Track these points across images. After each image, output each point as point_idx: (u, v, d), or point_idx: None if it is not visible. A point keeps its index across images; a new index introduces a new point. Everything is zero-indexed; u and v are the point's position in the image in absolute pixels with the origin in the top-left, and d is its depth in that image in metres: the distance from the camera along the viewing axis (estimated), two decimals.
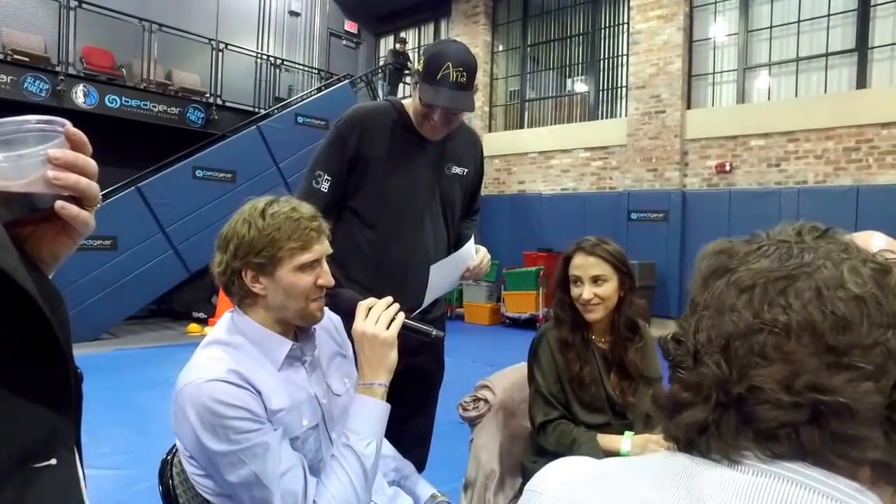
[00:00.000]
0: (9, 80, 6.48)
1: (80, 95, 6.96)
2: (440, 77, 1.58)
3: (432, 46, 1.69)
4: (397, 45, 10.85)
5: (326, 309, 1.35)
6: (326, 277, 1.16)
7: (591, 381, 1.62)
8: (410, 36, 12.42)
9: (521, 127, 10.69)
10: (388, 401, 1.78)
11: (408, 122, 1.76)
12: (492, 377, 1.89)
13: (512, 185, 10.43)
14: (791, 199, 7.59)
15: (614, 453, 1.52)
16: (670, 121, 8.55)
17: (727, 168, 8.16)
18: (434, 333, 1.26)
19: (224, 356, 1.08)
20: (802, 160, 7.66)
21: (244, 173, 7.60)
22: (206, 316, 7.66)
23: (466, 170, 1.90)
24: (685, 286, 4.29)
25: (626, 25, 9.29)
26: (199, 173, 7.22)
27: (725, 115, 8.32)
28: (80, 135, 0.53)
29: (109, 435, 3.68)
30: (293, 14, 11.33)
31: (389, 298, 1.22)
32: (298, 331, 1.22)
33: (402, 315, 1.19)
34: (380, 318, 1.16)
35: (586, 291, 1.61)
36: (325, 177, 1.72)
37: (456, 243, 1.91)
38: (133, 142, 8.21)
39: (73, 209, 0.52)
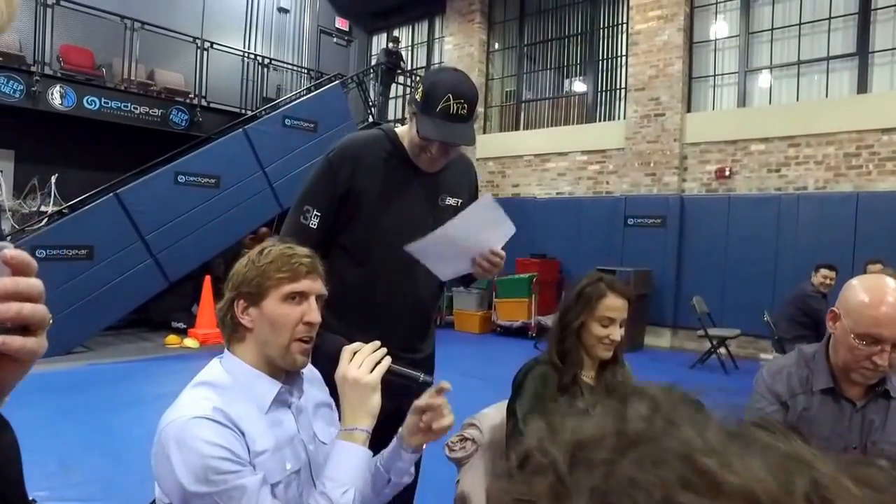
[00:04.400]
0: None
1: (56, 97, 6.67)
2: (439, 109, 1.51)
3: (431, 75, 1.64)
4: (390, 45, 10.60)
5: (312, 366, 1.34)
6: (313, 314, 1.15)
7: None
8: (404, 34, 12.16)
9: (517, 128, 10.47)
10: (375, 443, 1.65)
11: (402, 153, 1.68)
12: (478, 415, 1.84)
13: (506, 188, 10.22)
14: (791, 206, 7.47)
15: None
16: (670, 124, 8.36)
17: (727, 173, 8.00)
18: (421, 378, 1.22)
19: (211, 395, 1.08)
20: (803, 165, 7.52)
21: (229, 178, 7.34)
22: (185, 326, 7.35)
23: (461, 200, 1.82)
24: (681, 294, 4.17)
25: (625, 26, 9.10)
26: (181, 179, 6.94)
27: (726, 118, 8.16)
28: (22, 256, 0.50)
29: (81, 462, 3.52)
30: (282, 11, 11.03)
31: (377, 343, 1.20)
32: (287, 374, 1.21)
33: (388, 359, 1.18)
34: (364, 361, 1.16)
35: (616, 334, 1.66)
36: (314, 212, 1.64)
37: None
38: (114, 144, 7.94)
39: (14, 343, 0.49)
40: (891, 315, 1.35)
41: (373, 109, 9.93)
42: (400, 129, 1.72)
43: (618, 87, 9.32)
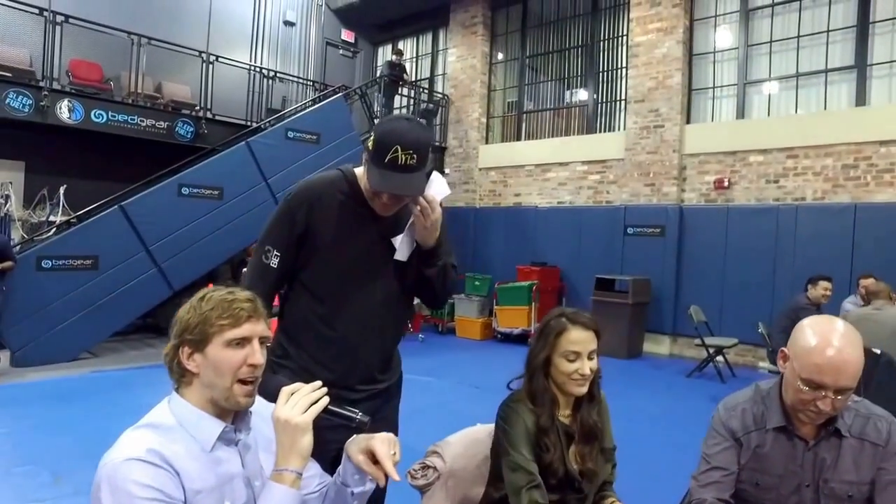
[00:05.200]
0: None
1: (64, 111, 6.84)
2: (388, 160, 1.50)
3: (382, 124, 1.60)
4: (393, 57, 10.73)
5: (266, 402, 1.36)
6: (256, 357, 1.17)
7: (558, 465, 1.60)
8: (408, 46, 12.31)
9: (519, 139, 10.57)
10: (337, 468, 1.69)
11: (359, 194, 1.69)
12: (441, 443, 1.83)
13: (507, 197, 10.31)
14: (789, 216, 7.50)
15: None
16: (669, 135, 8.42)
17: (726, 184, 8.03)
18: (358, 419, 1.22)
19: (149, 436, 1.10)
20: (801, 177, 7.54)
21: (232, 190, 7.48)
22: None
23: None
24: (681, 302, 4.29)
25: (625, 38, 9.17)
26: (185, 190, 7.09)
27: (725, 130, 8.20)
28: None
29: (75, 471, 3.52)
30: (288, 24, 11.20)
31: (317, 383, 1.21)
32: (235, 412, 1.23)
33: (325, 400, 1.19)
34: (298, 402, 1.16)
35: (585, 367, 1.60)
36: (275, 252, 1.68)
37: (412, 297, 1.88)
38: (122, 156, 8.14)
39: None
40: (834, 363, 1.34)
41: (376, 121, 10.05)
42: (359, 171, 1.72)
43: (618, 98, 9.39)
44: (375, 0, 11.25)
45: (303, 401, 1.16)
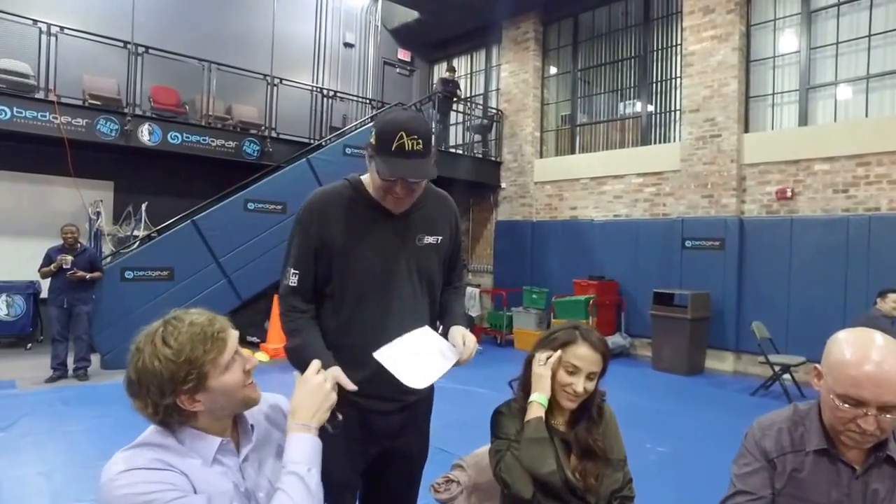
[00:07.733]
0: (84, 123, 7.06)
1: (145, 134, 7.48)
2: (395, 148, 1.52)
3: (381, 117, 1.62)
4: (446, 73, 10.99)
5: (275, 396, 1.45)
6: (251, 361, 1.24)
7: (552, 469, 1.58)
8: (462, 63, 12.57)
9: (573, 152, 10.56)
10: (369, 483, 1.88)
11: (368, 199, 1.70)
12: (467, 457, 1.82)
13: (563, 210, 10.29)
14: (861, 228, 7.09)
15: None
16: (726, 145, 8.22)
17: (788, 194, 7.73)
18: (339, 418, 1.35)
19: (147, 452, 1.12)
20: (874, 185, 7.15)
21: (295, 203, 7.84)
22: (258, 340, 8.02)
23: (441, 237, 1.81)
24: (743, 318, 4.94)
25: (678, 47, 9.05)
26: (250, 205, 7.56)
27: (786, 138, 7.91)
28: None
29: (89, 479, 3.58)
30: (347, 46, 11.73)
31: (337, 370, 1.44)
32: (237, 420, 1.27)
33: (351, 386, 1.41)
34: (328, 378, 1.34)
35: (580, 385, 1.59)
36: (293, 271, 1.71)
37: (440, 315, 1.86)
38: (196, 174, 8.76)
39: None
40: (872, 376, 1.19)
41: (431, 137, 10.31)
42: (365, 177, 1.73)
43: (673, 108, 9.25)
44: (430, 20, 11.58)
45: (331, 382, 1.34)
